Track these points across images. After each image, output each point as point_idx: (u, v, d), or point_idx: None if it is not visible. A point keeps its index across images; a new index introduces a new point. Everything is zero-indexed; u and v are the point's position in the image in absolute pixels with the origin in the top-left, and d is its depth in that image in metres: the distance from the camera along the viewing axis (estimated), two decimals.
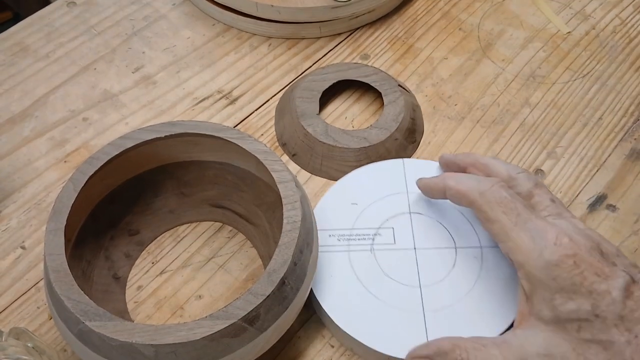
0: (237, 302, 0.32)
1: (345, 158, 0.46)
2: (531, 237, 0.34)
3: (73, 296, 0.32)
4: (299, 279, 0.35)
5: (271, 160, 0.37)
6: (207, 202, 0.44)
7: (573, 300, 0.32)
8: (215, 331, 0.31)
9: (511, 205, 0.35)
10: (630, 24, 0.57)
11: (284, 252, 0.34)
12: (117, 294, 0.41)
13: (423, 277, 0.40)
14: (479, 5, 0.58)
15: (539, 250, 0.33)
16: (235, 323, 0.32)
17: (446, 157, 0.43)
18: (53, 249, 0.34)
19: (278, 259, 0.34)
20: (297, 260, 0.34)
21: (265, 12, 0.53)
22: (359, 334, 0.38)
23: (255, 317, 0.32)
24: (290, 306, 0.34)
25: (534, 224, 0.34)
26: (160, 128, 0.39)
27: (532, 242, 0.33)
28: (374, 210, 0.43)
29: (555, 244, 0.33)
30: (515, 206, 0.35)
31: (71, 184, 0.36)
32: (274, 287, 0.33)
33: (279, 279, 0.33)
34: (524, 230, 0.34)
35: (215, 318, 0.32)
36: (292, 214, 0.35)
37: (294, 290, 0.34)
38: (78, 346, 0.33)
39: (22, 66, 0.53)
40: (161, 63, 0.54)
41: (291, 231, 0.35)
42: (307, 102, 0.48)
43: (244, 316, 0.32)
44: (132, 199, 0.42)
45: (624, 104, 0.51)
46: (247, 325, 0.32)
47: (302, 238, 0.35)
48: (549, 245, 0.33)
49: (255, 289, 0.33)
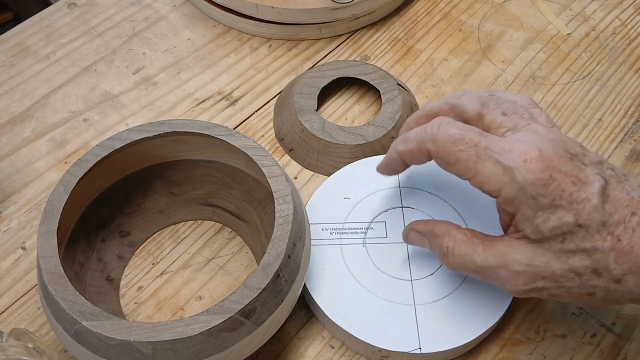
0: (233, 296, 0.32)
1: (341, 154, 0.46)
2: (497, 163, 0.32)
3: (68, 297, 0.32)
4: (293, 272, 0.35)
5: (260, 156, 0.37)
6: (197, 201, 0.44)
7: (555, 215, 0.31)
8: (213, 326, 0.31)
9: (465, 139, 0.33)
10: (630, 25, 0.57)
11: (277, 245, 0.34)
12: (111, 296, 0.41)
13: (414, 270, 0.40)
14: (479, 7, 0.58)
15: (509, 173, 0.32)
16: (232, 317, 0.32)
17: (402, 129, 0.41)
18: (46, 252, 0.34)
19: (272, 252, 0.34)
20: (291, 252, 0.35)
21: (266, 14, 0.53)
22: (351, 327, 0.38)
23: (252, 310, 0.32)
24: (285, 299, 0.34)
25: (496, 147, 0.32)
26: (149, 128, 0.39)
27: (500, 167, 0.32)
28: (366, 204, 0.43)
29: (525, 161, 0.31)
30: (469, 138, 0.33)
31: (61, 186, 0.36)
32: (269, 280, 0.33)
33: (273, 272, 0.33)
34: (487, 159, 0.32)
35: (212, 313, 0.32)
36: (284, 208, 0.35)
37: (289, 282, 0.35)
38: (75, 347, 0.33)
39: (22, 67, 0.53)
40: (161, 64, 0.54)
41: (283, 224, 0.35)
42: (305, 98, 0.48)
43: (240, 310, 0.32)
44: (122, 201, 0.43)
45: (624, 105, 0.51)
46: (243, 319, 0.32)
47: (295, 231, 0.35)
48: (519, 164, 0.31)
49: (250, 283, 0.33)
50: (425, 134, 0.35)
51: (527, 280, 0.33)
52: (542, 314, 0.41)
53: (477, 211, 0.43)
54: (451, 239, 0.35)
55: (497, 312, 0.39)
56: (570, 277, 0.32)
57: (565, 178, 0.31)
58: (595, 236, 0.31)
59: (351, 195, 0.44)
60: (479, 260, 0.34)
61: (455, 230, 0.35)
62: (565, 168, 0.32)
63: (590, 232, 0.31)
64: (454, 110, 0.37)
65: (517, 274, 0.33)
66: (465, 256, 0.34)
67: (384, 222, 0.42)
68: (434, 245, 0.36)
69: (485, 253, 0.34)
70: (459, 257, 0.35)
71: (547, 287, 0.33)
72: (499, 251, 0.33)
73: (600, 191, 0.31)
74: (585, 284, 0.32)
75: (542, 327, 0.41)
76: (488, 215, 0.43)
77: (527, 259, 0.33)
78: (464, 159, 0.33)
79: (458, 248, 0.35)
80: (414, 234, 0.38)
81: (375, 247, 0.41)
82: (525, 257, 0.33)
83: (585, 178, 0.31)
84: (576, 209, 0.31)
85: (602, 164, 0.33)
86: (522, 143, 0.32)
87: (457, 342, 0.38)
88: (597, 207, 0.31)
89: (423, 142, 0.35)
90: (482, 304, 0.39)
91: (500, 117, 0.35)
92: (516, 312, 0.41)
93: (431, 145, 0.34)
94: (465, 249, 0.34)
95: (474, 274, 0.35)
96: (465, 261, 0.34)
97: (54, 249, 0.34)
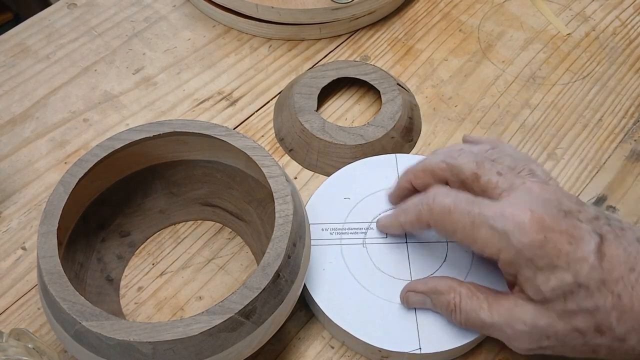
0: (233, 297, 0.32)
1: (341, 154, 0.46)
2: (491, 228, 0.33)
3: (68, 297, 0.32)
4: (293, 272, 0.35)
5: (260, 156, 0.37)
6: (198, 201, 0.44)
7: (554, 275, 0.32)
8: (213, 326, 0.31)
9: (460, 208, 0.34)
10: (630, 25, 0.57)
11: (277, 245, 0.34)
12: (111, 296, 0.41)
13: (414, 270, 0.40)
14: (479, 7, 0.58)
15: (504, 237, 0.32)
16: (232, 317, 0.32)
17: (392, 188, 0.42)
18: (46, 252, 0.34)
19: (272, 252, 0.34)
20: (291, 253, 0.35)
21: (266, 14, 0.53)
22: (351, 327, 0.38)
23: (252, 310, 0.32)
24: (285, 299, 0.34)
25: (489, 213, 0.33)
26: (148, 128, 0.39)
27: (495, 233, 0.33)
28: (366, 204, 0.43)
29: (519, 224, 0.32)
30: (463, 207, 0.34)
31: (61, 186, 0.36)
32: (269, 280, 0.33)
33: (273, 272, 0.33)
34: (482, 225, 0.33)
35: (212, 313, 0.32)
36: (284, 208, 0.35)
37: (289, 283, 0.34)
38: (75, 347, 0.33)
39: (22, 67, 0.53)
40: (161, 64, 0.54)
41: (283, 225, 0.35)
42: (305, 98, 0.48)
43: (240, 310, 0.32)
44: (122, 201, 0.43)
45: (624, 106, 0.51)
46: (243, 319, 0.32)
47: (295, 231, 0.35)
48: (512, 228, 0.32)
49: (250, 283, 0.33)
50: (422, 205, 0.36)
51: (532, 340, 0.34)
52: None
53: None
54: (457, 295, 0.36)
55: None
56: (574, 336, 0.33)
57: (560, 237, 0.32)
58: (596, 295, 0.31)
59: (351, 196, 0.44)
60: (485, 318, 0.35)
61: (459, 285, 0.36)
62: (559, 227, 0.32)
63: (590, 291, 0.31)
64: (451, 170, 0.37)
65: (523, 333, 0.34)
66: (471, 312, 0.35)
67: None
68: (438, 302, 0.37)
69: (491, 310, 0.34)
70: (465, 314, 0.36)
71: (551, 345, 0.33)
72: (505, 309, 0.34)
73: (596, 249, 0.32)
74: (589, 342, 0.33)
75: None
76: None
77: (530, 319, 0.33)
78: (461, 228, 0.34)
79: (464, 304, 0.35)
80: (414, 295, 0.38)
81: (376, 247, 0.41)
82: (529, 317, 0.33)
83: (580, 235, 0.32)
84: (574, 268, 0.32)
85: (598, 219, 0.33)
86: (515, 206, 0.33)
87: (457, 342, 0.38)
88: (594, 266, 0.31)
89: (421, 213, 0.36)
90: None
91: (495, 177, 0.35)
92: None
93: (428, 216, 0.36)
94: (472, 305, 0.35)
95: (481, 330, 0.36)
96: (472, 317, 0.35)
97: (54, 249, 0.34)
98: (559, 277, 0.32)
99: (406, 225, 0.39)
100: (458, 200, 0.35)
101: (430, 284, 0.37)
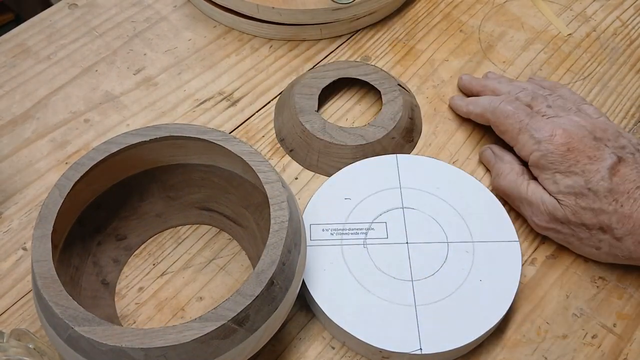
0: (226, 303, 0.32)
1: (341, 155, 0.46)
2: (531, 136, 0.43)
3: (61, 302, 0.32)
4: (287, 279, 0.35)
5: (257, 162, 0.37)
6: (194, 205, 0.44)
7: (569, 178, 0.41)
8: (205, 333, 0.31)
9: (516, 116, 0.44)
10: (631, 25, 0.57)
11: (272, 252, 0.34)
12: (106, 300, 0.41)
13: (415, 271, 0.40)
14: (480, 7, 0.58)
15: (537, 143, 0.42)
16: (225, 324, 0.31)
17: (463, 81, 0.51)
18: (40, 256, 0.34)
19: (266, 259, 0.34)
20: (286, 260, 0.34)
21: (267, 14, 0.53)
22: (351, 328, 0.38)
23: (245, 318, 0.32)
24: (279, 306, 0.34)
25: (534, 125, 0.43)
26: (145, 132, 0.38)
27: (532, 139, 0.43)
28: (367, 205, 0.43)
29: (551, 136, 0.42)
30: (519, 116, 0.44)
31: (57, 189, 0.36)
32: (263, 288, 0.33)
33: (267, 279, 0.33)
34: (527, 132, 0.43)
35: (205, 320, 0.31)
36: (280, 214, 0.35)
37: (283, 290, 0.34)
38: (68, 352, 0.32)
39: (23, 68, 0.54)
40: (162, 65, 0.54)
41: (279, 231, 0.35)
42: (306, 98, 0.48)
43: (233, 317, 0.32)
44: (118, 204, 0.42)
45: (625, 106, 0.51)
46: (236, 326, 0.32)
47: (290, 238, 0.35)
48: (545, 138, 0.42)
49: (243, 290, 0.32)
50: (489, 104, 0.46)
51: (550, 219, 0.42)
52: (542, 314, 0.41)
53: (477, 211, 0.43)
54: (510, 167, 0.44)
55: (498, 312, 0.39)
56: (582, 229, 0.41)
57: (581, 153, 0.41)
58: (602, 200, 0.40)
59: (352, 196, 0.44)
60: (523, 191, 0.43)
61: (517, 164, 0.45)
62: (583, 147, 0.41)
63: (598, 196, 0.40)
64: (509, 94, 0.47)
65: (545, 212, 0.42)
66: (513, 183, 0.44)
67: (385, 222, 0.42)
68: (497, 164, 0.46)
69: (530, 188, 0.43)
70: (508, 182, 0.44)
71: (564, 232, 0.42)
72: (539, 190, 0.42)
73: (611, 166, 0.40)
74: (593, 237, 0.41)
75: (542, 328, 0.41)
76: (488, 216, 0.43)
77: (550, 205, 0.41)
78: (510, 130, 0.44)
79: (511, 175, 0.44)
80: (489, 152, 0.47)
81: (376, 247, 0.41)
82: (549, 204, 0.41)
83: (599, 156, 0.40)
84: (587, 176, 0.40)
85: (624, 148, 0.41)
86: (554, 124, 0.42)
87: (458, 342, 0.38)
88: (604, 177, 0.40)
89: (486, 110, 0.46)
90: (482, 305, 0.39)
91: (545, 108, 0.44)
92: (517, 312, 0.41)
93: (490, 115, 0.46)
94: (516, 180, 0.44)
95: (512, 200, 0.44)
96: (512, 187, 0.44)
97: (47, 253, 0.34)
98: (574, 179, 0.40)
99: (471, 114, 0.48)
100: (517, 109, 0.44)
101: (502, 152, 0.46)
